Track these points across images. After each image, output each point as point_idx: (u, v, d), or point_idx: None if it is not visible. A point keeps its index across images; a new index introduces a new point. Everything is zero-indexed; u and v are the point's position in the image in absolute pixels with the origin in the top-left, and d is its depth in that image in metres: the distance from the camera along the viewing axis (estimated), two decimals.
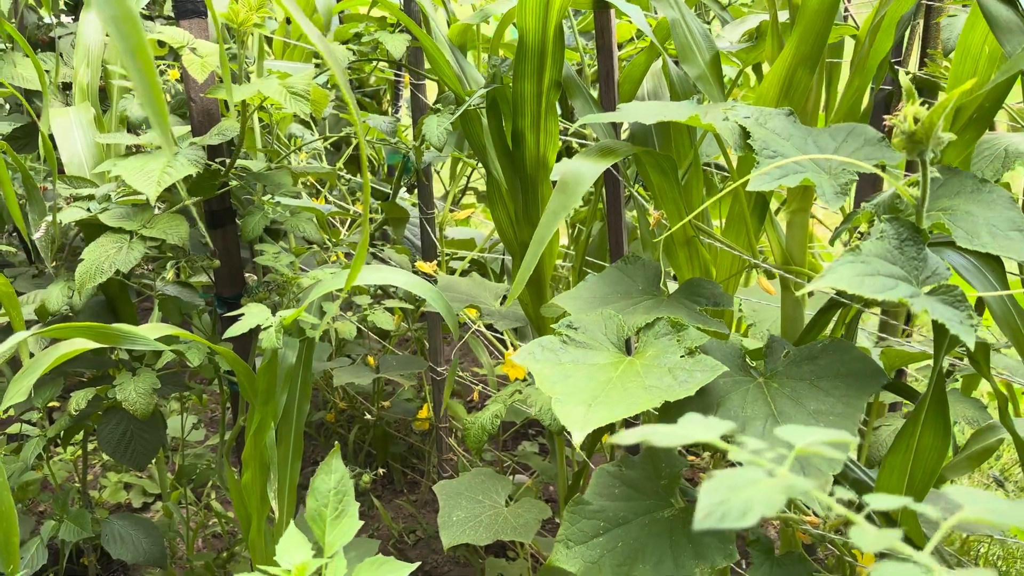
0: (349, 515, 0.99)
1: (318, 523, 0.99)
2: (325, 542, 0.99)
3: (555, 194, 1.12)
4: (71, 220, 1.59)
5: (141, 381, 1.54)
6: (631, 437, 0.52)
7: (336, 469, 1.03)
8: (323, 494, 1.01)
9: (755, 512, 0.44)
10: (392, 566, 0.98)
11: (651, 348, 1.11)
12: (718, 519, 0.44)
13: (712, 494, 0.45)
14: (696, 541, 1.16)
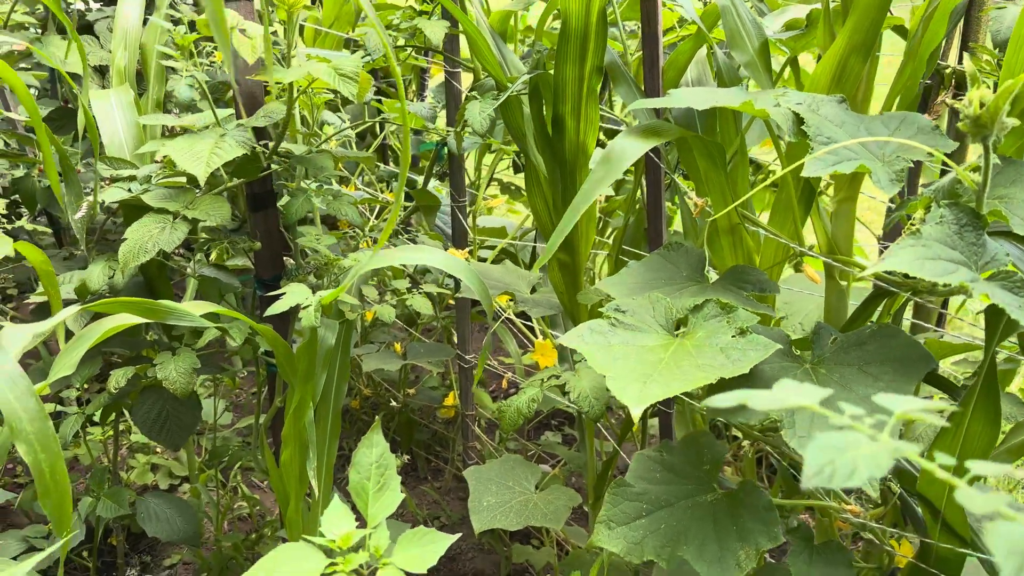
0: (391, 488, 1.00)
1: (361, 496, 1.00)
2: (368, 514, 1.00)
3: (597, 166, 1.13)
4: (113, 200, 1.60)
5: (181, 360, 1.55)
6: (728, 400, 0.53)
7: (377, 443, 1.04)
8: (365, 467, 1.02)
9: (862, 473, 0.44)
10: (433, 537, 0.99)
11: (700, 330, 1.12)
12: (827, 478, 0.44)
13: (819, 455, 0.45)
14: (740, 525, 1.16)
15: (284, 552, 0.95)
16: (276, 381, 1.71)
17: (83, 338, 1.19)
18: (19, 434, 0.98)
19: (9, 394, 0.98)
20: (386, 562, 0.96)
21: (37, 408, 0.99)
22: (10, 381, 0.99)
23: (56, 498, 1.02)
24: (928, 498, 1.14)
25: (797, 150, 1.21)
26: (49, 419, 1.01)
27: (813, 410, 0.91)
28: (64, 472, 1.03)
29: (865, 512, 1.23)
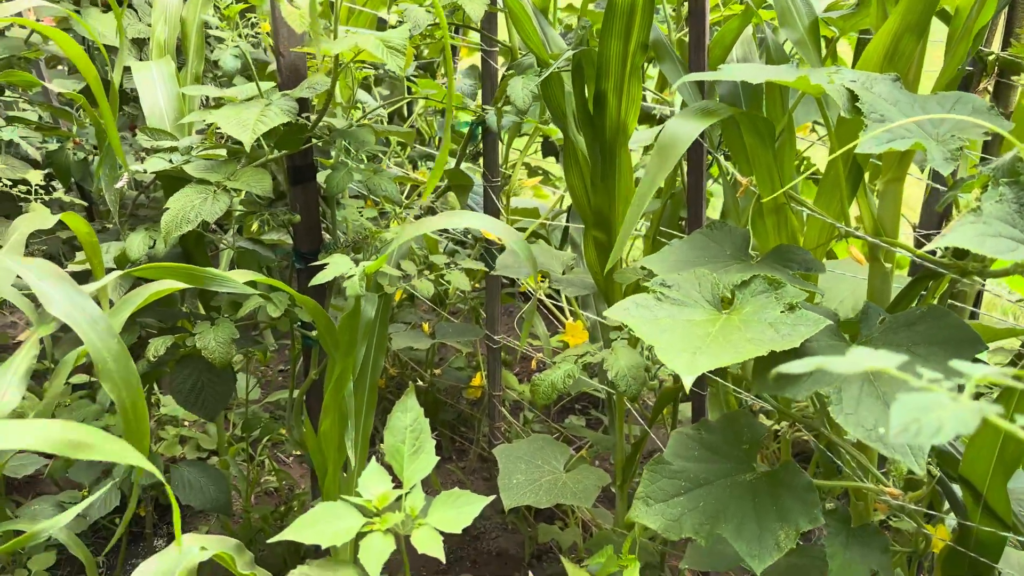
0: (426, 451, 1.01)
1: (396, 458, 1.01)
2: (404, 476, 1.01)
3: (653, 155, 1.12)
4: (155, 170, 1.61)
5: (221, 330, 1.56)
6: (803, 366, 0.53)
7: (411, 408, 1.05)
8: (400, 431, 1.03)
9: (948, 430, 0.44)
10: (468, 499, 1.00)
11: (748, 305, 1.12)
12: (913, 435, 0.44)
13: (904, 414, 0.45)
14: (780, 504, 1.16)
15: (322, 510, 0.96)
16: (312, 354, 1.72)
17: (128, 300, 1.21)
18: (104, 373, 1.00)
19: (93, 335, 1.00)
20: (421, 522, 0.97)
21: (119, 349, 1.01)
22: (93, 323, 1.01)
23: (136, 436, 1.04)
24: (971, 481, 1.13)
25: (846, 129, 1.20)
26: (131, 359, 1.03)
27: (862, 385, 0.90)
28: (145, 410, 1.05)
29: (904, 495, 1.22)
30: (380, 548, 0.91)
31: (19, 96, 2.65)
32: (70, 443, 0.84)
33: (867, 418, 1.01)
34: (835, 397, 1.04)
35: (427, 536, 0.94)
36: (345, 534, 0.93)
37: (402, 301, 2.87)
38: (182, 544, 1.00)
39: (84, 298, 1.11)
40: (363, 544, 0.93)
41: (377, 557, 0.90)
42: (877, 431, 1.00)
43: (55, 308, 1.08)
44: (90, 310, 1.10)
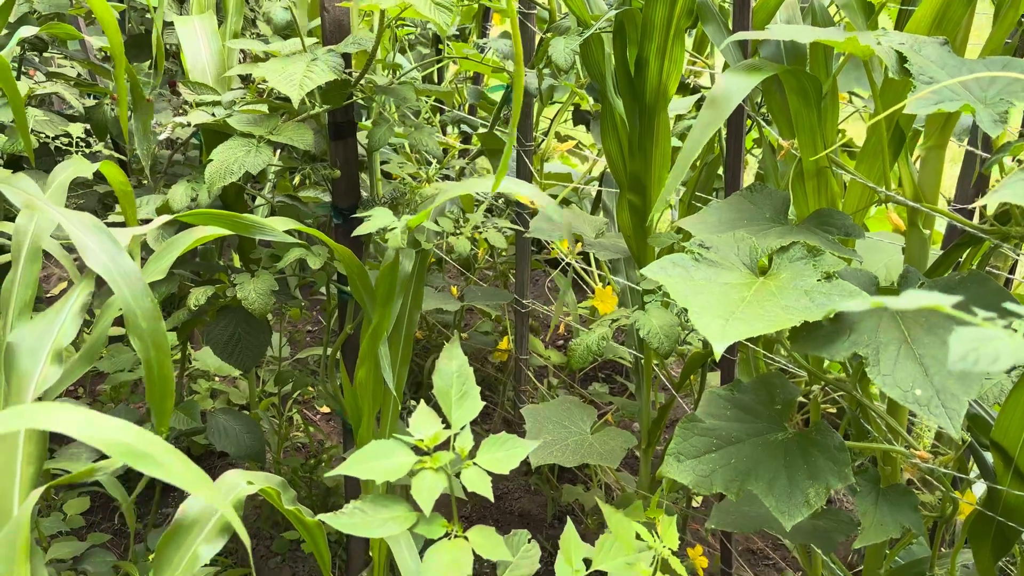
0: (472, 396, 1.04)
1: (444, 401, 1.03)
2: (452, 419, 1.03)
3: (704, 109, 1.13)
4: (198, 123, 1.64)
5: (260, 282, 1.59)
6: (857, 305, 0.55)
7: (456, 356, 1.07)
8: (447, 375, 1.05)
9: (1005, 360, 0.46)
10: (515, 443, 1.03)
11: (785, 271, 1.13)
12: (972, 363, 0.46)
13: (962, 344, 0.47)
14: (811, 463, 1.18)
15: (376, 447, 0.99)
16: (347, 308, 1.74)
17: (173, 245, 1.23)
18: (135, 329, 1.02)
19: (127, 291, 1.02)
20: (470, 463, 1.00)
21: (152, 307, 1.04)
22: (128, 278, 1.03)
23: (160, 393, 1.07)
24: (1002, 445, 1.14)
25: (891, 93, 1.20)
26: (161, 319, 1.06)
27: (899, 351, 0.91)
28: (170, 369, 1.08)
29: (933, 459, 1.24)
30: (432, 484, 0.94)
31: (58, 52, 2.68)
32: (135, 452, 0.81)
33: (904, 379, 1.02)
34: (872, 358, 1.05)
35: (476, 476, 0.97)
36: (399, 470, 0.95)
37: (431, 265, 2.89)
38: (227, 480, 1.04)
39: (121, 253, 1.13)
40: (415, 480, 0.96)
41: (429, 493, 0.93)
42: (914, 392, 1.01)
43: (92, 260, 1.10)
44: (126, 266, 1.11)
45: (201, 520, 0.97)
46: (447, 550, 0.94)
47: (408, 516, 0.97)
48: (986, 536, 1.24)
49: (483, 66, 1.96)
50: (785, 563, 2.24)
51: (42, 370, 0.98)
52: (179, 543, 0.96)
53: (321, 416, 2.88)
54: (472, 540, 0.96)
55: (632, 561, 1.07)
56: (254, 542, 2.29)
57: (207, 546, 0.96)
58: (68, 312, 1.06)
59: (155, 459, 0.80)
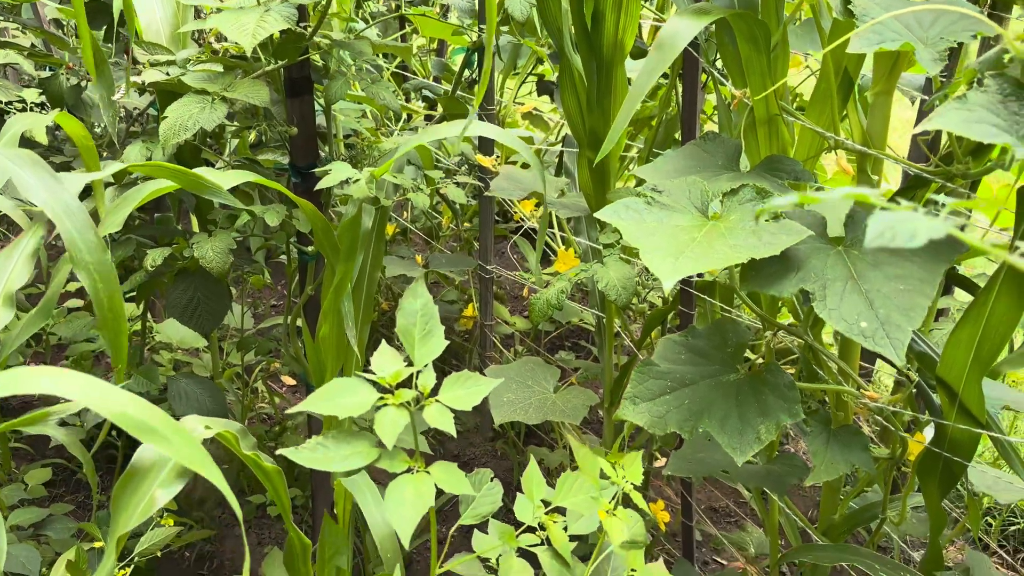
0: (435, 335, 1.04)
1: (407, 339, 1.04)
2: (415, 357, 1.04)
3: (652, 52, 1.14)
4: (152, 81, 1.62)
5: (218, 240, 1.58)
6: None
7: (421, 294, 1.08)
8: (411, 313, 1.06)
9: (921, 236, 0.47)
10: (476, 380, 1.03)
11: (735, 213, 1.14)
12: (889, 239, 0.47)
13: (880, 223, 0.48)
14: (762, 401, 1.20)
15: (338, 385, 0.99)
16: (307, 270, 1.74)
17: (129, 197, 1.22)
18: (80, 263, 1.02)
19: (69, 225, 1.01)
20: (431, 401, 1.01)
21: (96, 241, 1.03)
22: (71, 213, 1.02)
23: (113, 328, 1.06)
24: (947, 382, 1.17)
25: (839, 37, 1.22)
26: (108, 252, 1.05)
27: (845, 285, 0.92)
28: (121, 304, 1.07)
29: (881, 397, 1.27)
30: (395, 420, 0.95)
31: (10, 20, 2.63)
32: (138, 423, 0.82)
33: (850, 312, 1.04)
34: (820, 294, 1.07)
35: (438, 412, 0.98)
36: (361, 406, 0.96)
37: (395, 236, 2.89)
38: (185, 424, 1.04)
39: (61, 187, 1.12)
40: (378, 416, 0.96)
41: (392, 428, 0.94)
42: (859, 325, 1.03)
43: (32, 195, 1.08)
44: (67, 199, 1.10)
45: (158, 464, 0.96)
46: (410, 483, 0.95)
47: (371, 451, 0.97)
48: (934, 473, 1.28)
49: (443, 26, 1.95)
50: (747, 518, 2.28)
51: None
52: (135, 488, 0.96)
53: (287, 388, 2.88)
54: (434, 474, 0.97)
55: (595, 495, 1.08)
56: (220, 511, 2.28)
57: (164, 490, 0.95)
58: (20, 256, 1.05)
59: (157, 431, 0.80)
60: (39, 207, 1.04)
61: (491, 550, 1.07)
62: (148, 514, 0.95)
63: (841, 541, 1.55)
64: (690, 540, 1.91)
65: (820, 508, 1.60)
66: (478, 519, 1.10)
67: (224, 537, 2.22)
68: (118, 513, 0.96)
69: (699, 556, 2.20)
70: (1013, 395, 1.34)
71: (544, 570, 1.07)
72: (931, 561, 1.36)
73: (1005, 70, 0.93)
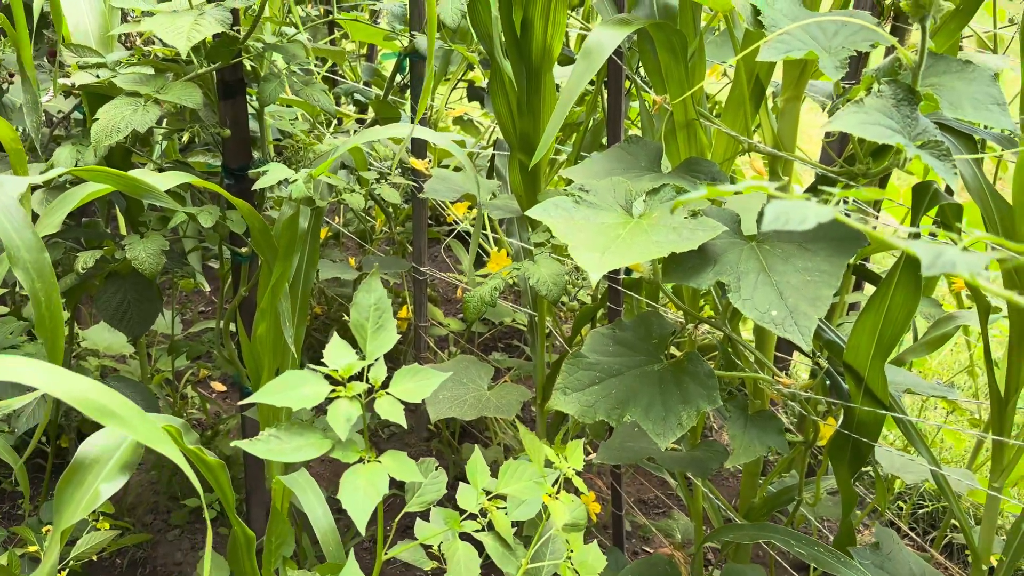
0: (388, 329, 1.08)
1: (360, 333, 1.08)
2: (366, 350, 1.07)
3: (579, 60, 1.20)
4: (82, 83, 1.61)
5: (150, 242, 1.59)
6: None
7: (375, 289, 1.12)
8: (364, 308, 1.09)
9: (811, 219, 0.54)
10: (427, 374, 1.07)
11: (656, 211, 1.21)
12: (783, 223, 0.54)
13: (775, 209, 0.55)
14: (684, 389, 1.27)
15: (290, 377, 1.02)
16: (240, 272, 1.75)
17: (66, 199, 1.23)
18: (17, 261, 1.02)
19: (7, 224, 1.02)
20: (382, 393, 1.04)
21: (34, 240, 1.03)
22: (7, 212, 1.03)
23: (51, 328, 1.07)
24: (854, 367, 1.26)
25: (750, 45, 1.30)
26: (46, 250, 1.05)
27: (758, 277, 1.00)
28: (59, 303, 1.08)
29: (795, 384, 1.35)
30: (348, 412, 0.98)
31: None
32: (98, 407, 0.84)
33: (762, 302, 1.12)
34: (735, 285, 1.14)
35: (389, 404, 1.01)
36: (314, 398, 0.99)
37: (327, 239, 2.90)
38: None
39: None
40: (332, 408, 0.99)
41: (345, 419, 0.97)
42: (770, 313, 1.11)
43: None
44: (4, 199, 1.10)
45: (102, 459, 0.98)
46: (363, 473, 0.98)
47: (323, 442, 1.00)
48: (843, 454, 1.37)
49: (375, 31, 1.99)
50: (675, 507, 2.36)
51: None
52: (79, 482, 0.97)
53: (217, 395, 2.85)
54: (385, 464, 1.01)
55: (540, 480, 1.13)
56: (151, 517, 2.26)
57: (107, 484, 0.97)
58: None
59: (118, 415, 0.82)
60: None
61: (435, 536, 1.11)
62: (92, 508, 0.96)
63: (762, 523, 1.64)
64: (620, 530, 1.98)
65: (740, 492, 1.68)
66: (424, 507, 1.14)
67: (156, 543, 2.20)
68: (62, 507, 0.97)
69: (629, 546, 2.27)
70: (913, 380, 1.44)
71: (488, 552, 1.12)
72: (843, 536, 1.45)
73: (898, 77, 1.02)
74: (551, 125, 1.25)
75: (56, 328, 1.08)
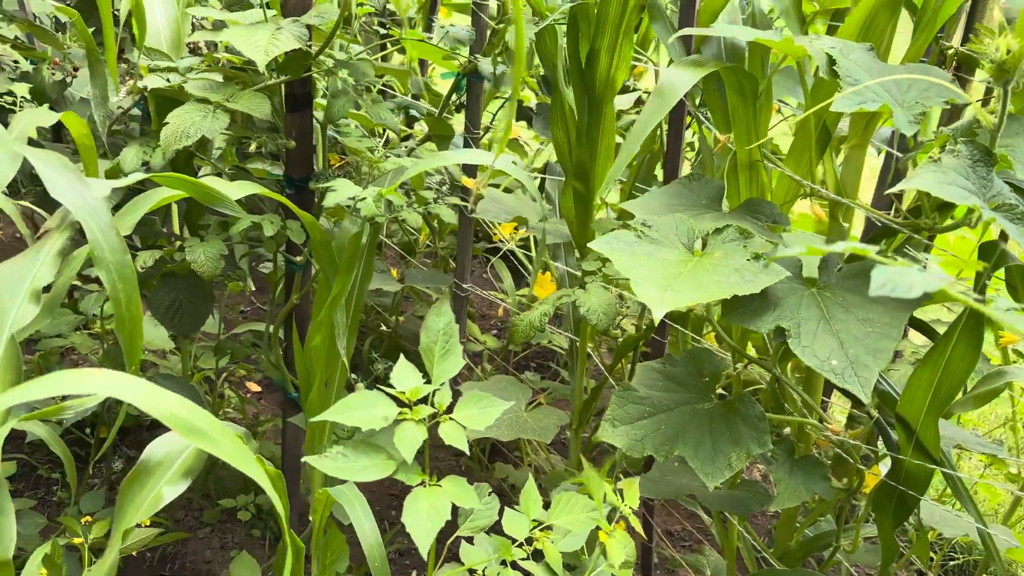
0: (454, 354, 1.10)
1: (428, 356, 1.09)
2: (433, 374, 1.09)
3: (652, 99, 1.21)
4: (153, 87, 1.65)
5: (210, 246, 1.61)
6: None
7: (444, 313, 1.13)
8: (434, 332, 1.11)
9: (919, 288, 0.54)
10: (490, 402, 1.09)
11: (718, 250, 1.22)
12: (891, 289, 0.55)
13: (882, 275, 0.56)
14: (734, 430, 1.28)
15: (359, 397, 1.03)
16: (294, 279, 1.78)
17: (139, 203, 1.26)
18: (100, 262, 1.05)
19: (94, 225, 1.05)
20: (446, 418, 1.06)
21: (118, 242, 1.06)
22: (95, 214, 1.06)
23: (129, 328, 1.10)
24: (906, 419, 1.26)
25: (821, 95, 1.31)
26: (128, 253, 1.08)
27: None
28: (139, 303, 1.11)
29: (844, 432, 1.35)
30: (414, 435, 0.99)
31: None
32: (191, 427, 0.84)
33: (822, 350, 1.12)
34: (795, 331, 1.15)
35: (453, 430, 1.03)
36: (382, 420, 1.00)
37: None
38: None
39: (87, 188, 1.16)
40: (398, 431, 1.01)
41: (411, 443, 0.99)
42: (830, 362, 1.11)
43: (59, 194, 1.12)
44: (91, 200, 1.14)
45: (165, 462, 1.00)
46: (425, 496, 0.99)
47: (387, 463, 1.02)
48: (888, 505, 1.36)
49: (434, 50, 2.01)
50: (705, 541, 2.35)
51: (20, 307, 1.00)
52: (143, 483, 0.99)
53: (252, 395, 2.88)
54: (446, 488, 1.02)
55: (596, 515, 1.14)
56: (183, 513, 2.29)
57: (171, 487, 0.99)
58: (46, 255, 1.08)
59: (208, 435, 0.83)
60: (66, 205, 1.08)
61: (482, 562, 1.12)
62: (154, 510, 0.99)
63: (797, 567, 1.63)
64: (649, 561, 1.97)
65: (776, 534, 1.68)
66: (475, 531, 1.15)
67: (187, 540, 2.22)
68: (125, 506, 0.99)
69: None
70: (963, 435, 1.43)
71: None
72: None
73: (975, 138, 1.02)
74: (619, 161, 1.27)
75: (134, 328, 1.10)
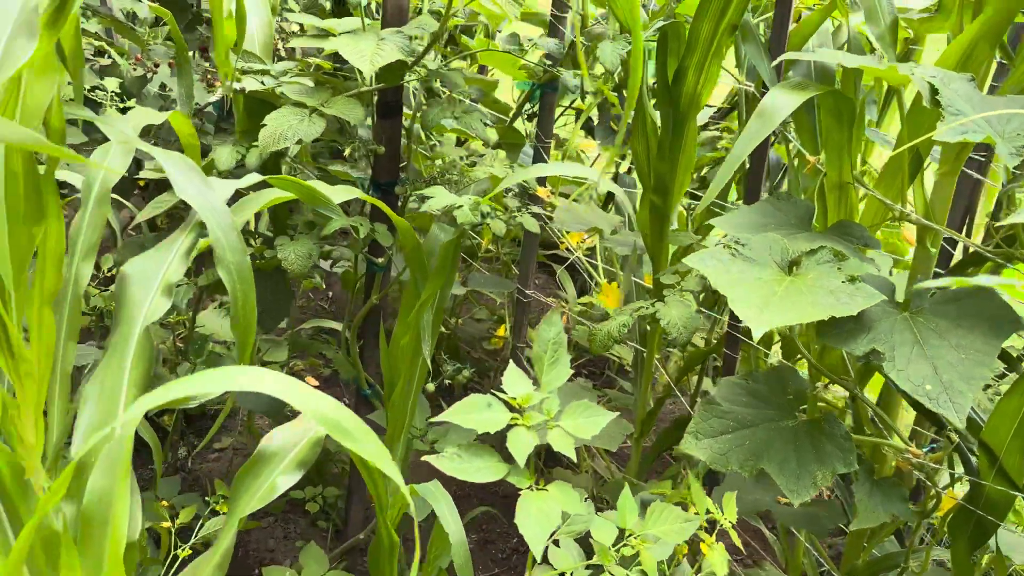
0: (563, 363, 1.13)
1: (538, 364, 1.13)
2: (542, 382, 1.13)
3: (753, 120, 1.24)
4: (250, 89, 1.71)
5: (300, 245, 1.67)
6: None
7: (555, 323, 1.17)
8: (544, 341, 1.15)
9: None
10: (596, 411, 1.12)
11: (812, 271, 1.24)
12: None
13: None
14: (819, 449, 1.30)
15: (474, 401, 1.08)
16: (375, 280, 1.83)
17: (249, 202, 1.31)
18: (222, 261, 1.10)
19: (215, 224, 1.10)
20: (554, 425, 1.10)
21: (238, 243, 1.11)
22: (217, 215, 1.11)
23: (244, 325, 1.15)
24: (990, 445, 1.27)
25: (917, 120, 1.33)
26: (247, 253, 1.14)
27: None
28: (254, 303, 1.16)
29: (924, 455, 1.37)
30: (526, 440, 1.04)
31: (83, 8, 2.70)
32: (336, 425, 0.87)
33: (916, 375, 1.14)
34: (889, 355, 1.17)
35: (560, 437, 1.07)
36: (497, 423, 1.05)
37: None
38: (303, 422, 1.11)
39: (211, 189, 1.22)
40: (511, 435, 1.05)
41: (523, 447, 1.03)
42: (924, 387, 1.13)
43: (185, 195, 1.18)
44: (214, 201, 1.20)
45: (281, 453, 1.04)
46: (535, 500, 1.03)
47: (500, 466, 1.06)
48: (965, 529, 1.37)
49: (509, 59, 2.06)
50: (763, 553, 2.37)
51: (153, 300, 1.06)
52: (258, 473, 1.04)
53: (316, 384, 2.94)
54: (552, 493, 1.06)
55: (690, 527, 1.17)
56: None
57: (285, 477, 1.03)
58: (176, 251, 1.13)
59: (352, 434, 0.87)
60: (191, 204, 1.13)
61: (573, 567, 1.16)
62: (269, 499, 1.03)
63: None
64: None
65: (844, 553, 1.69)
66: (571, 535, 1.18)
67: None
68: (240, 495, 1.03)
69: None
70: None
71: None
72: None
73: None
74: (719, 178, 1.29)
75: (249, 326, 1.15)
